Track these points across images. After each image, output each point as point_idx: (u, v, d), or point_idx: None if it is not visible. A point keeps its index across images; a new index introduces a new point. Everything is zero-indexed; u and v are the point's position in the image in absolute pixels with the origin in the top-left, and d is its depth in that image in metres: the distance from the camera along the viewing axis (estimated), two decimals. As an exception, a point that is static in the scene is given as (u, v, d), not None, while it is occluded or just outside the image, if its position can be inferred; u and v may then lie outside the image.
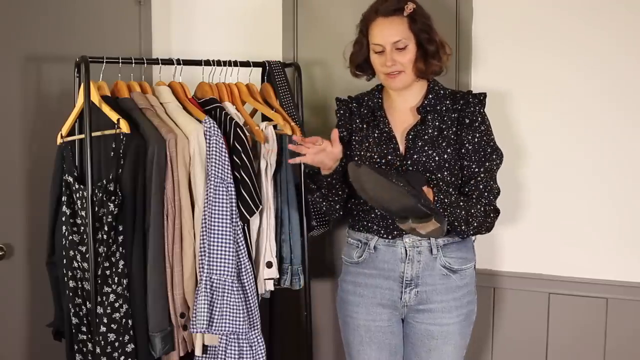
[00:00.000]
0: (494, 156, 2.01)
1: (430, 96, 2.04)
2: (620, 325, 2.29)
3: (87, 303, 2.06)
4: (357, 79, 2.15)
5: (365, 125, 2.09)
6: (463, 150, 2.00)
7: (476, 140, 1.99)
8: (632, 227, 2.26)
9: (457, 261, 2.03)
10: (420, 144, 2.00)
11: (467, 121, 2.00)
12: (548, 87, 2.31)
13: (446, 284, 2.02)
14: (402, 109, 2.07)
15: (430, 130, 2.00)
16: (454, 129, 2.00)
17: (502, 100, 2.15)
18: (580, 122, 2.28)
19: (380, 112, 2.08)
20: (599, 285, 2.29)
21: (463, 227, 1.96)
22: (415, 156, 1.99)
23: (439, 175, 1.98)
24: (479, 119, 2.01)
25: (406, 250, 2.01)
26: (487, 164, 2.00)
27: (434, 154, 1.98)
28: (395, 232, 2.01)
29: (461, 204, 1.95)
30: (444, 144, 1.99)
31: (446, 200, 1.93)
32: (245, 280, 2.08)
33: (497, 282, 2.43)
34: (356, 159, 2.05)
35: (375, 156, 2.02)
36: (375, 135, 2.05)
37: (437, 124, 2.01)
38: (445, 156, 1.98)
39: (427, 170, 1.98)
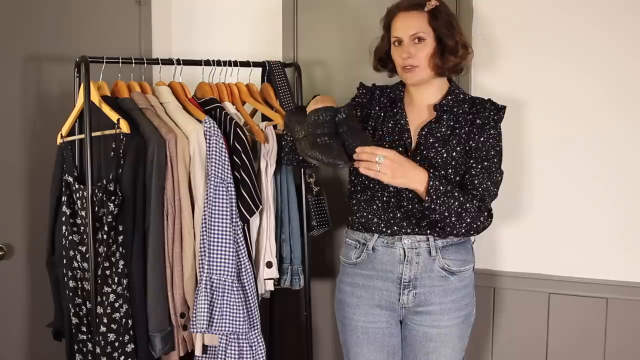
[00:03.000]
0: (496, 160, 1.99)
1: (450, 97, 2.04)
2: (620, 325, 2.29)
3: (87, 303, 2.06)
4: (378, 72, 2.16)
5: (382, 114, 2.10)
6: (467, 147, 2.00)
7: (482, 139, 1.99)
8: (632, 227, 2.26)
9: (456, 263, 2.02)
10: (431, 140, 2.00)
11: (479, 122, 2.00)
12: (547, 88, 2.31)
13: (445, 286, 2.01)
14: (420, 105, 2.08)
15: (443, 129, 2.00)
16: (467, 128, 2.00)
17: (502, 100, 2.14)
18: (579, 122, 2.28)
19: (399, 104, 2.09)
20: (599, 285, 2.29)
21: (454, 219, 1.91)
22: (424, 152, 1.99)
23: (443, 172, 1.97)
24: (491, 123, 2.00)
25: (405, 252, 2.00)
26: (485, 162, 1.98)
27: (443, 150, 1.98)
28: (396, 228, 2.00)
29: (455, 194, 1.91)
30: (454, 142, 1.99)
31: (441, 188, 1.90)
32: (245, 280, 2.07)
33: (497, 282, 2.43)
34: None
35: (386, 146, 2.02)
36: (390, 125, 2.06)
37: (451, 123, 2.01)
38: (454, 154, 1.98)
39: (433, 167, 1.97)
